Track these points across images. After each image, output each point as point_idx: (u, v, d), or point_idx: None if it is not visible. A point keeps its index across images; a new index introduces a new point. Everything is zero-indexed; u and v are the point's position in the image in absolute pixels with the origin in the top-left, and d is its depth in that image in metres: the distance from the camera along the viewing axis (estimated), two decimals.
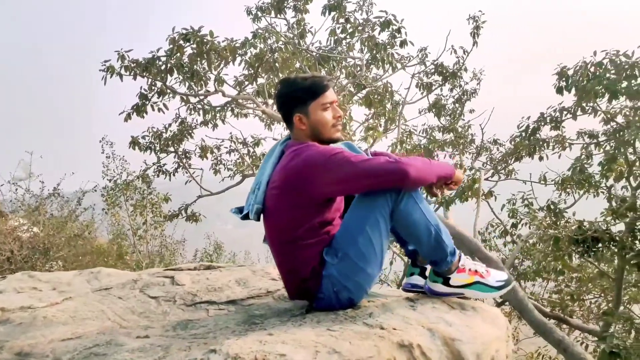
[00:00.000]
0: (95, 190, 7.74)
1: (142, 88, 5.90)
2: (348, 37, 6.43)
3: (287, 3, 6.49)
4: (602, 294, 6.82)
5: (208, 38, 5.39)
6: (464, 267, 1.67)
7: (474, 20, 6.29)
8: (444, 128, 7.27)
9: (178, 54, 5.45)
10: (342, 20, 6.28)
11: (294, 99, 1.66)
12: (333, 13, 6.22)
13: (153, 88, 5.93)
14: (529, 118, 6.02)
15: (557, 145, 6.12)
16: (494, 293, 1.68)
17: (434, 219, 1.59)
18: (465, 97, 7.07)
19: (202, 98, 6.48)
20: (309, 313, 1.60)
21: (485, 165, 7.04)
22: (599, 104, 5.39)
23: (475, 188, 6.11)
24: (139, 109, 5.96)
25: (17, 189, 6.49)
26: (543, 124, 5.83)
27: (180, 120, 6.79)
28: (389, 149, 6.52)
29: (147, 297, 1.87)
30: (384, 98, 6.56)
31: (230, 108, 6.87)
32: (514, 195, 6.23)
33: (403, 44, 6.05)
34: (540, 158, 6.22)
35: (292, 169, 1.56)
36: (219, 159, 7.30)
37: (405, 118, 7.16)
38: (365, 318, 1.50)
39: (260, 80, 6.60)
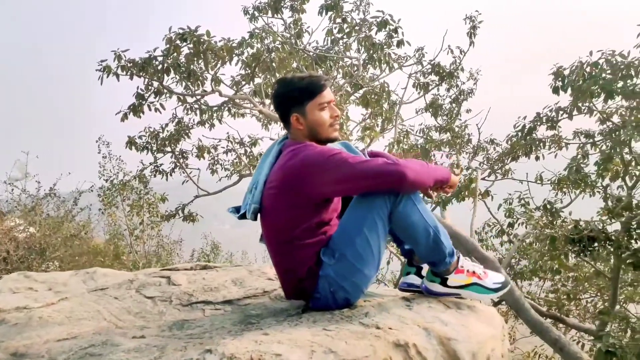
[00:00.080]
0: (92, 191, 7.72)
1: (138, 88, 5.88)
2: (345, 37, 6.42)
3: (284, 3, 6.48)
4: (598, 293, 6.84)
5: (205, 38, 5.38)
6: (463, 268, 1.67)
7: (471, 20, 6.30)
8: (441, 128, 7.29)
9: (175, 54, 5.44)
10: (339, 20, 6.27)
11: (291, 99, 1.66)
12: (330, 13, 6.21)
13: (150, 88, 5.91)
14: (525, 118, 6.04)
15: (553, 145, 6.14)
16: (491, 295, 1.69)
17: (433, 221, 1.59)
18: (462, 97, 7.09)
19: (199, 98, 6.47)
20: (305, 313, 1.60)
21: (482, 165, 7.06)
22: (595, 104, 5.41)
23: (472, 188, 6.12)
24: (136, 109, 5.94)
25: (13, 189, 6.47)
26: (539, 124, 5.84)
27: (177, 120, 6.77)
28: (386, 149, 6.53)
29: (143, 297, 1.87)
30: (381, 98, 6.56)
31: (227, 108, 6.85)
32: (511, 195, 6.25)
33: (400, 44, 6.05)
34: (537, 158, 6.25)
35: (290, 169, 1.56)
36: (216, 159, 7.29)
37: (402, 118, 7.17)
38: (362, 318, 1.50)
39: (257, 80, 6.60)
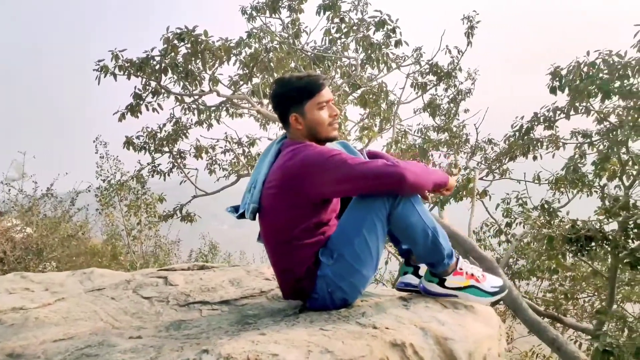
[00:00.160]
0: (89, 191, 7.70)
1: (136, 88, 5.88)
2: (343, 36, 6.43)
3: (282, 3, 6.48)
4: (595, 293, 6.86)
5: (202, 38, 5.38)
6: (462, 270, 1.68)
7: (468, 21, 6.31)
8: (439, 128, 7.29)
9: (172, 54, 5.43)
10: (337, 20, 6.28)
11: (290, 99, 1.65)
12: (328, 13, 6.22)
13: (147, 88, 5.90)
14: (523, 118, 6.06)
15: (550, 145, 6.16)
16: (487, 298, 1.69)
17: (431, 222, 1.59)
18: (460, 96, 7.10)
19: (196, 98, 6.46)
20: (303, 313, 1.60)
21: (480, 165, 7.07)
22: (592, 104, 5.43)
23: (470, 187, 6.14)
24: (133, 109, 5.93)
25: (10, 190, 6.46)
26: (537, 124, 5.86)
27: (175, 120, 6.77)
28: (384, 149, 6.54)
29: (140, 297, 1.87)
30: (379, 98, 6.57)
31: (225, 108, 6.85)
32: (508, 195, 6.27)
33: (398, 44, 6.06)
34: (534, 157, 6.27)
35: (289, 169, 1.56)
36: (214, 159, 7.29)
37: (400, 118, 7.18)
38: (358, 317, 1.50)
39: (255, 80, 6.59)
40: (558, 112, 5.66)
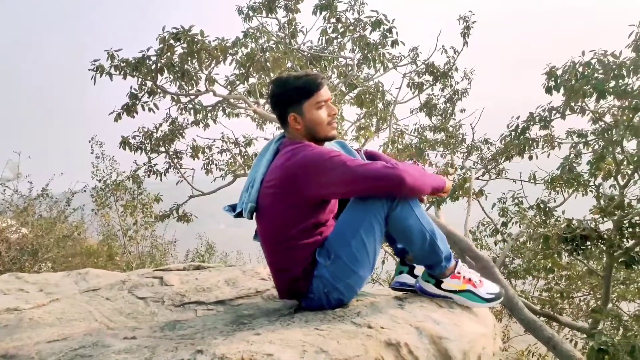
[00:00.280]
0: (85, 191, 7.68)
1: (132, 88, 5.86)
2: (339, 36, 6.43)
3: (278, 2, 6.47)
4: (591, 292, 6.90)
5: (199, 37, 5.37)
6: (460, 274, 1.68)
7: (464, 21, 6.33)
8: (435, 128, 7.30)
9: (168, 54, 5.42)
10: (333, 20, 6.28)
11: (288, 99, 1.65)
12: (324, 13, 6.21)
13: (143, 88, 5.89)
14: (519, 118, 6.07)
15: (546, 145, 6.18)
16: (482, 304, 1.69)
17: (429, 225, 1.59)
18: (456, 96, 7.11)
19: (192, 98, 6.45)
20: (298, 312, 1.60)
21: (476, 165, 7.09)
22: (588, 104, 5.45)
23: (466, 187, 6.16)
24: (129, 109, 5.92)
25: (5, 190, 6.43)
26: (532, 124, 5.87)
27: (171, 120, 6.75)
28: (381, 149, 6.54)
29: (135, 298, 1.86)
30: (376, 98, 6.57)
31: (222, 108, 6.84)
32: (505, 194, 6.29)
33: (394, 44, 6.06)
34: (530, 157, 6.28)
35: (288, 169, 1.55)
36: (211, 159, 7.28)
37: (397, 117, 7.19)
38: (354, 317, 1.50)
39: (252, 80, 6.58)
40: (553, 111, 5.67)
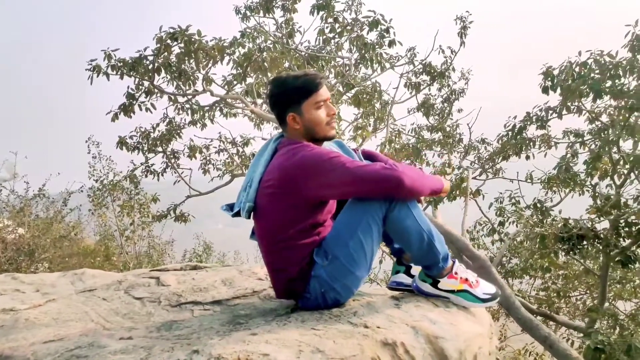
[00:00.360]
0: (82, 191, 7.66)
1: (129, 87, 5.84)
2: (337, 36, 6.42)
3: (275, 2, 6.46)
4: (587, 291, 6.93)
5: (196, 37, 5.35)
6: (457, 274, 1.68)
7: (461, 21, 6.33)
8: (433, 127, 7.32)
9: (165, 53, 5.41)
10: (330, 20, 6.27)
11: (287, 99, 1.64)
12: (322, 13, 6.21)
13: (140, 87, 5.87)
14: (516, 117, 6.09)
15: (543, 144, 6.20)
16: (479, 304, 1.70)
17: (427, 226, 1.60)
18: (454, 96, 7.12)
19: (190, 98, 6.44)
20: (295, 312, 1.60)
21: (473, 164, 7.11)
22: (584, 104, 5.47)
23: (463, 187, 6.17)
24: (126, 109, 5.90)
25: (1, 190, 6.41)
26: (529, 124, 5.89)
27: (169, 120, 6.74)
28: (378, 148, 6.55)
29: (131, 298, 1.86)
30: (373, 97, 6.58)
31: (219, 108, 6.83)
32: (502, 194, 6.31)
33: (391, 44, 6.07)
34: (527, 157, 6.31)
35: (286, 170, 1.55)
36: (208, 159, 7.27)
37: (394, 117, 7.20)
38: (350, 317, 1.50)
39: (249, 80, 6.58)
40: (550, 111, 5.69)
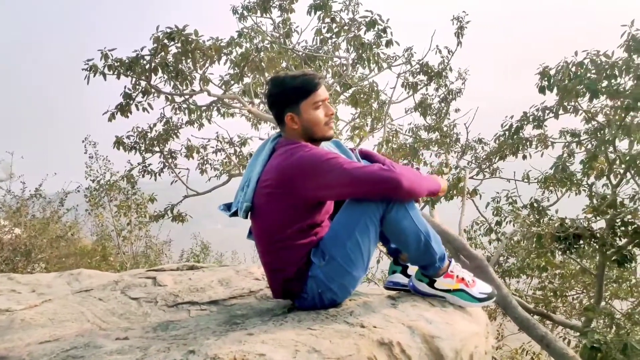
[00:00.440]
0: (79, 191, 7.64)
1: (126, 87, 5.83)
2: (334, 36, 6.43)
3: (272, 2, 6.46)
4: (584, 290, 6.95)
5: (193, 37, 5.34)
6: (453, 273, 1.69)
7: (458, 21, 6.35)
8: (430, 127, 7.32)
9: (162, 53, 5.39)
10: (327, 20, 6.27)
11: (285, 98, 1.64)
12: (319, 12, 6.21)
13: (137, 87, 5.86)
14: (513, 117, 6.11)
15: (539, 144, 6.22)
16: (474, 303, 1.70)
17: (424, 227, 1.60)
18: (451, 96, 7.13)
19: (187, 97, 6.43)
20: (291, 312, 1.61)
21: (470, 164, 7.11)
22: (580, 103, 5.49)
23: (460, 187, 6.18)
24: (123, 109, 5.88)
25: None
26: (526, 123, 5.91)
27: (166, 120, 6.73)
28: (375, 148, 6.55)
29: (128, 298, 1.86)
30: (370, 97, 6.58)
31: (216, 107, 6.82)
32: (498, 194, 6.34)
33: (389, 44, 6.07)
34: (524, 157, 6.32)
35: (284, 170, 1.55)
36: (206, 159, 7.27)
37: (392, 117, 7.20)
38: (346, 317, 1.51)
39: (246, 80, 6.57)
40: (547, 111, 5.71)
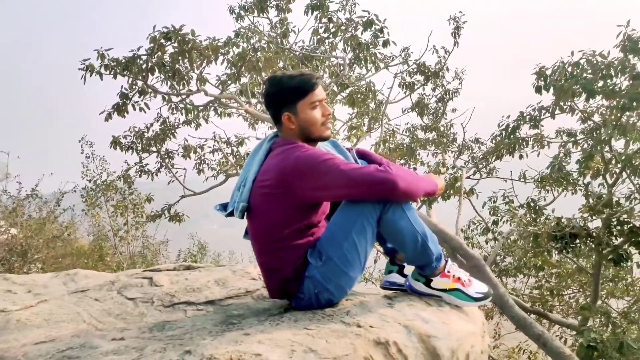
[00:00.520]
0: (75, 191, 7.61)
1: (122, 87, 5.81)
2: (331, 36, 6.43)
3: (270, 2, 6.46)
4: (580, 289, 6.98)
5: (190, 37, 5.33)
6: (449, 273, 1.69)
7: (455, 21, 6.36)
8: (427, 127, 7.34)
9: (159, 53, 5.38)
10: (324, 20, 6.28)
11: (282, 98, 1.64)
12: (316, 12, 6.21)
13: (134, 87, 5.84)
14: (509, 117, 6.13)
15: (536, 144, 6.24)
16: (471, 303, 1.71)
17: (421, 227, 1.60)
18: (448, 96, 7.14)
19: (184, 97, 6.41)
20: (288, 312, 1.61)
21: (467, 164, 7.13)
22: (576, 103, 5.51)
23: (457, 186, 6.19)
24: (120, 109, 5.86)
25: None
26: (523, 123, 5.93)
27: (162, 120, 6.71)
28: (372, 148, 6.56)
29: (124, 298, 1.85)
30: (367, 97, 6.58)
31: (213, 107, 6.82)
32: (495, 193, 6.36)
33: (385, 44, 6.07)
34: (520, 156, 6.34)
35: (280, 171, 1.55)
36: (203, 159, 7.26)
37: (389, 117, 7.21)
38: (343, 316, 1.51)
39: (243, 80, 6.56)
40: (543, 111, 5.73)
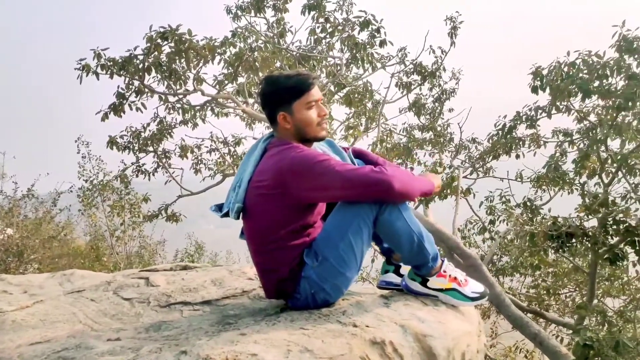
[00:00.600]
0: (71, 191, 7.59)
1: (119, 87, 5.80)
2: (328, 36, 6.43)
3: (266, 2, 6.46)
4: (576, 288, 7.00)
5: (186, 37, 5.32)
6: (445, 272, 1.70)
7: (451, 21, 6.37)
8: (424, 127, 7.35)
9: (156, 53, 5.37)
10: (321, 20, 6.27)
11: (278, 98, 1.63)
12: (313, 12, 6.21)
13: (131, 87, 5.83)
14: (506, 117, 6.15)
15: (532, 144, 6.26)
16: (467, 303, 1.71)
17: (417, 227, 1.60)
18: (445, 96, 7.15)
19: (181, 97, 6.40)
20: (284, 312, 1.61)
21: (464, 163, 7.15)
22: (573, 103, 5.53)
23: (454, 186, 6.20)
24: (116, 108, 5.84)
25: None
26: (519, 123, 5.95)
27: (159, 120, 6.70)
28: (369, 148, 6.56)
29: (120, 299, 1.85)
30: (364, 97, 6.59)
31: (210, 107, 6.81)
32: (492, 193, 6.37)
33: (382, 44, 6.08)
34: (517, 156, 6.37)
35: (276, 171, 1.54)
36: (200, 159, 7.24)
37: (386, 117, 7.22)
38: (339, 316, 1.51)
39: (240, 80, 6.55)
40: (540, 111, 5.75)
